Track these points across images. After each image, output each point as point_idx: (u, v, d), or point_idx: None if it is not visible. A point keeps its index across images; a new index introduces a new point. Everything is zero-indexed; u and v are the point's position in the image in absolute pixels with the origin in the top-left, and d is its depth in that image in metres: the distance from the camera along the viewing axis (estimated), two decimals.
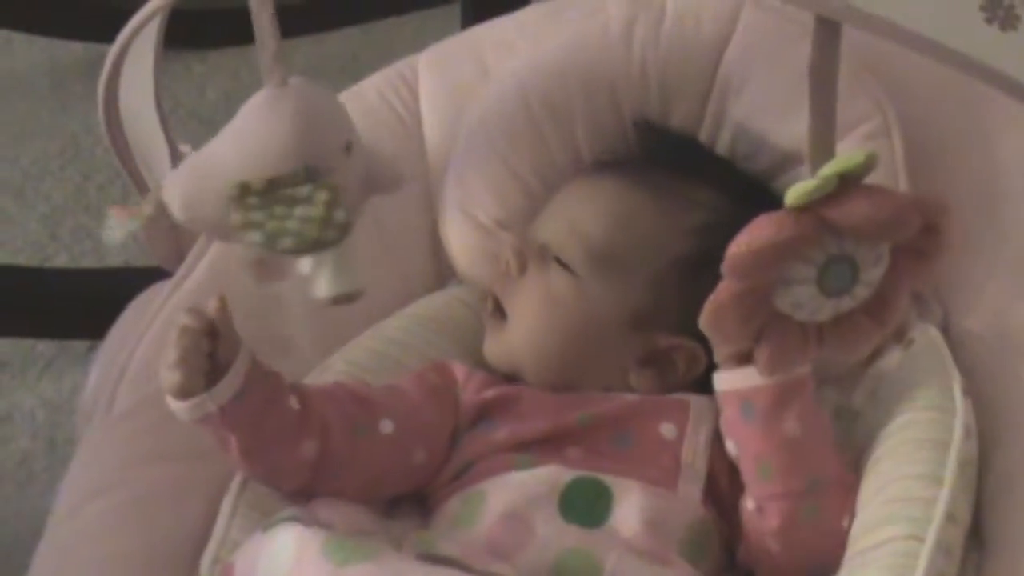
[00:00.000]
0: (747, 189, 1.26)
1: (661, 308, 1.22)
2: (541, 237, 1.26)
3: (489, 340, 1.27)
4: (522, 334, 1.24)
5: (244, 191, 1.03)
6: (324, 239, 1.01)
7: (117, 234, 1.13)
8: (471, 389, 1.23)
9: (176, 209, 1.09)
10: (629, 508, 1.12)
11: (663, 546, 1.11)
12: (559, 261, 1.23)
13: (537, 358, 1.23)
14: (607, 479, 1.14)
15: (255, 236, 1.01)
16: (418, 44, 1.47)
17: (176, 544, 1.14)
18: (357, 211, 1.08)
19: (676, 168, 1.27)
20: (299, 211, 1.01)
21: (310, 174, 1.03)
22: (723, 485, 1.17)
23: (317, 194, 1.02)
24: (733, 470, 1.16)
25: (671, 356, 1.23)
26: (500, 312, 1.26)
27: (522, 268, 1.24)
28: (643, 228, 1.23)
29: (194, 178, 1.08)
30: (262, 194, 1.03)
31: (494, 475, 1.15)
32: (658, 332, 1.22)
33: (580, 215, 1.25)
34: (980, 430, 1.16)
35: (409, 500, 1.21)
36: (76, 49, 2.31)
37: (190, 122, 2.15)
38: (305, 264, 1.05)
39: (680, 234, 1.22)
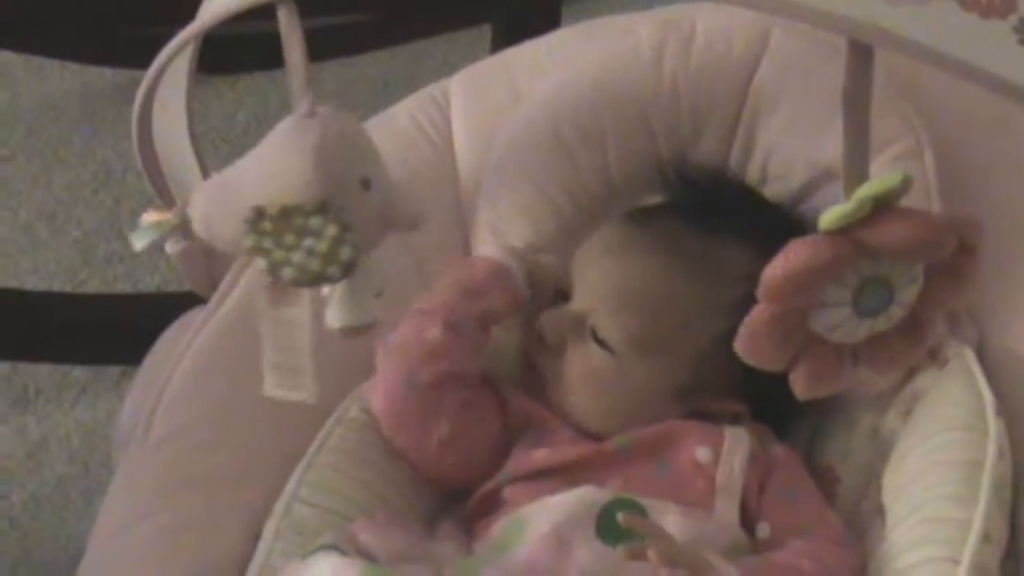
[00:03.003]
0: (782, 233, 1.24)
1: (703, 380, 1.22)
2: (577, 307, 1.24)
3: (525, 380, 1.26)
4: (560, 399, 1.24)
5: (259, 216, 1.04)
6: (325, 275, 1.01)
7: (141, 242, 1.15)
8: (518, 397, 1.24)
9: (196, 224, 1.10)
10: (666, 529, 1.12)
11: None
12: (597, 338, 1.22)
13: (575, 417, 1.23)
14: (643, 501, 1.14)
15: (261, 262, 1.02)
16: (448, 67, 1.48)
17: (214, 571, 1.14)
18: (371, 247, 1.08)
19: (711, 225, 1.24)
20: (307, 243, 1.01)
21: (324, 206, 1.04)
22: (753, 511, 1.17)
23: (327, 228, 1.02)
24: (763, 499, 1.17)
25: (715, 412, 1.23)
26: (534, 368, 1.25)
27: (560, 348, 1.23)
28: (683, 312, 1.21)
29: (216, 196, 1.09)
30: (275, 221, 1.03)
31: (534, 499, 1.15)
32: (701, 398, 1.22)
33: (617, 293, 1.22)
34: (1015, 450, 1.15)
35: (450, 522, 1.21)
36: (107, 75, 2.31)
37: (221, 146, 2.16)
38: (324, 290, 1.06)
39: (721, 313, 1.19)
